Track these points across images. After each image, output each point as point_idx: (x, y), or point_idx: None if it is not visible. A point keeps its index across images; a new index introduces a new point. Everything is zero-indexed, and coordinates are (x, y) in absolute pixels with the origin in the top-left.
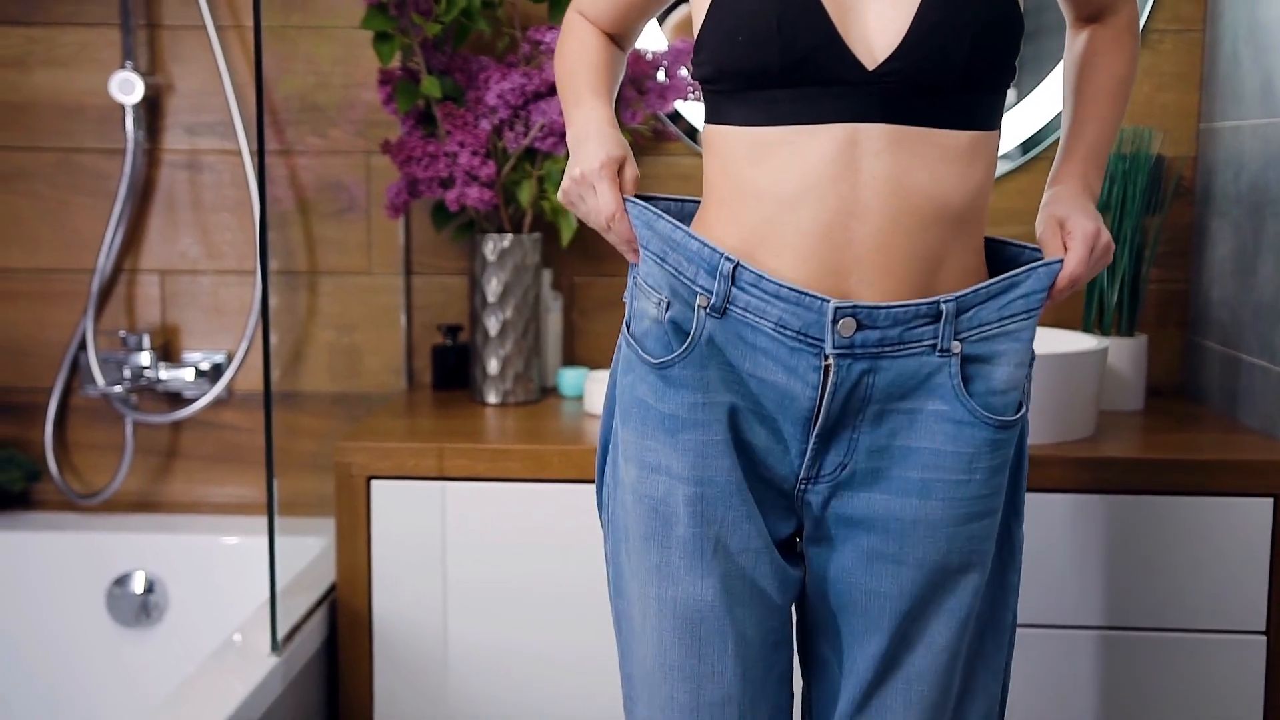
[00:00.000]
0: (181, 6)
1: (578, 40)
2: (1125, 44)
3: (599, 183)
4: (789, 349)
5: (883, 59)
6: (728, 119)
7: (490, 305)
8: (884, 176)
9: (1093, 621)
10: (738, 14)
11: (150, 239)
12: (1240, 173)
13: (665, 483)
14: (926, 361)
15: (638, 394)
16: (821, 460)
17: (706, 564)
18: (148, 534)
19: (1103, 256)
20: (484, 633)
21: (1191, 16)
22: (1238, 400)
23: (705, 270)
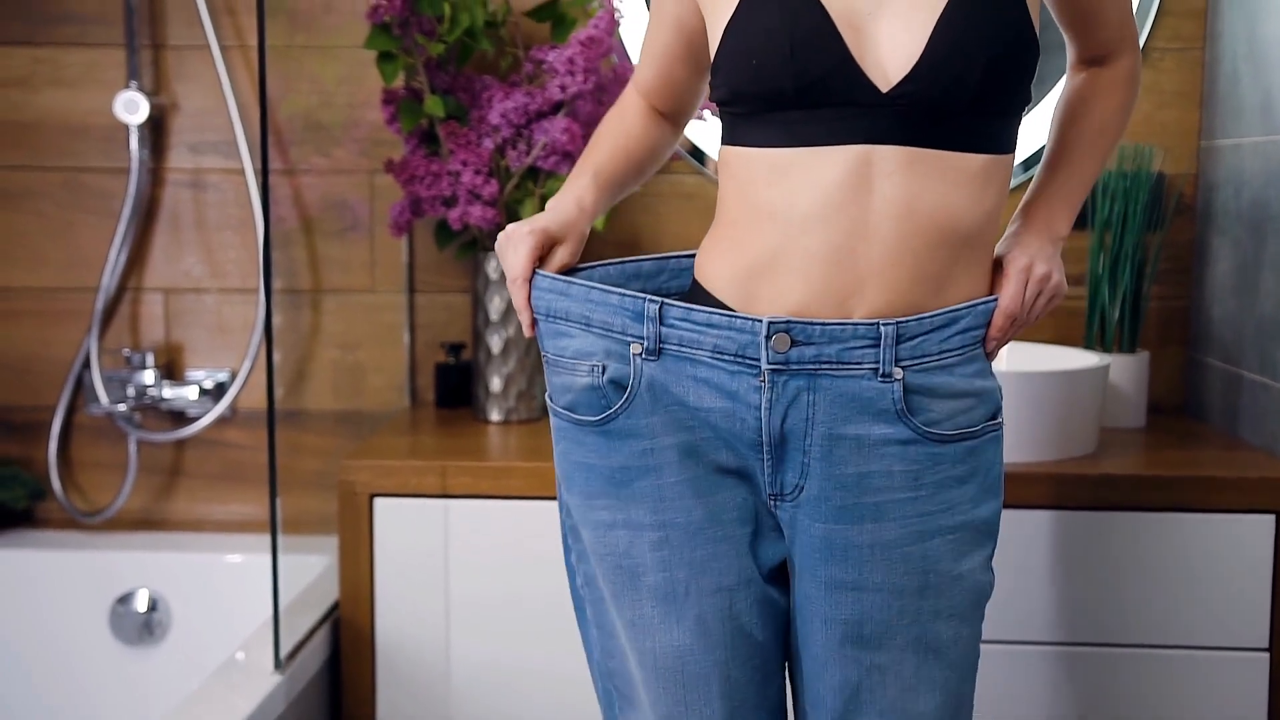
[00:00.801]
0: (186, 27)
1: (619, 116)
2: (1120, 93)
3: (518, 245)
4: (729, 373)
5: (896, 81)
6: (743, 140)
7: (493, 323)
8: (895, 198)
9: (1095, 639)
10: (751, 37)
11: (154, 258)
12: (1241, 190)
13: (626, 536)
14: (869, 385)
15: (575, 459)
16: (780, 479)
17: (679, 608)
18: (151, 552)
19: (1048, 295)
20: (487, 651)
21: (1192, 34)
22: (1239, 417)
23: (632, 318)
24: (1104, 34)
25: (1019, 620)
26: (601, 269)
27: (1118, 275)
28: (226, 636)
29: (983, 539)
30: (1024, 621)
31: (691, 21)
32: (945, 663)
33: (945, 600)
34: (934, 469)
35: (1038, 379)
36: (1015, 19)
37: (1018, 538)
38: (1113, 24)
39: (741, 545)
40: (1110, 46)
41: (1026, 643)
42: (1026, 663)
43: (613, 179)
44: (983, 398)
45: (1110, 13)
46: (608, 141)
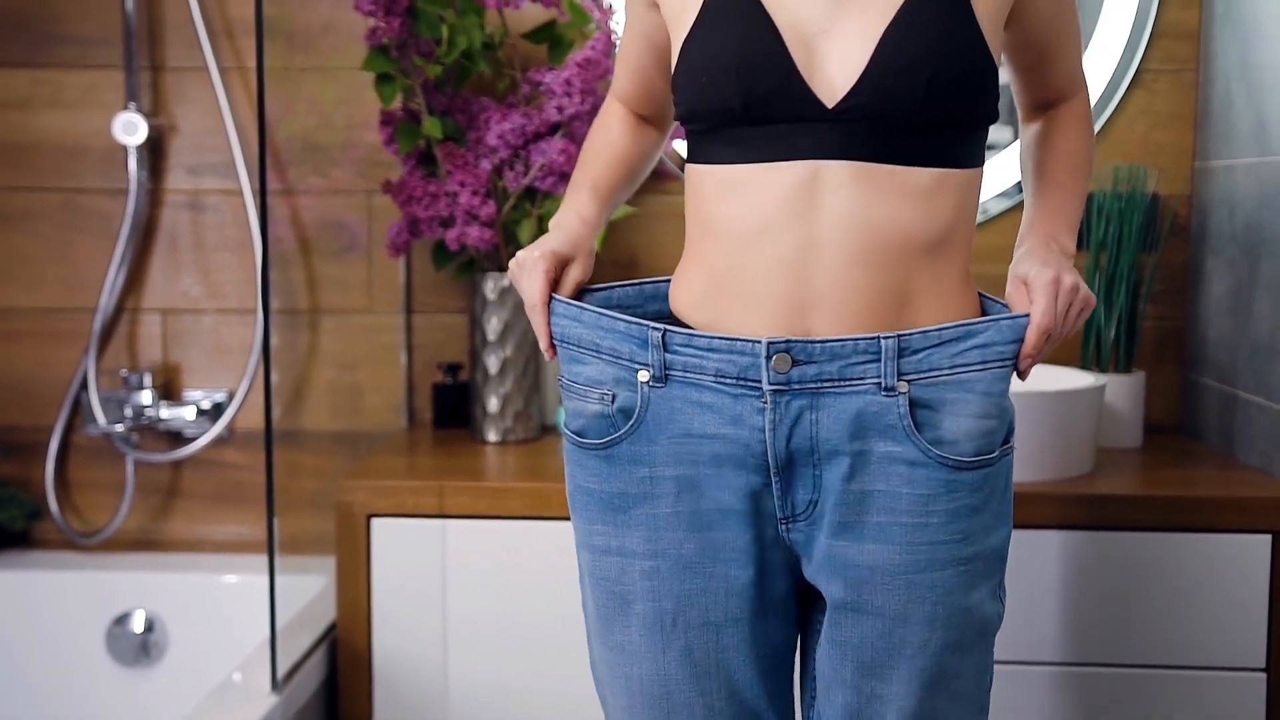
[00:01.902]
0: (185, 48)
1: (605, 126)
2: (1082, 128)
3: (533, 272)
4: (733, 397)
5: (841, 96)
6: (701, 158)
7: (490, 344)
8: (843, 213)
9: (1091, 659)
10: (703, 55)
11: (152, 278)
12: (1235, 211)
13: (618, 563)
14: (873, 400)
15: (579, 482)
16: (792, 498)
17: (666, 637)
18: (148, 573)
19: (1079, 306)
20: (485, 671)
21: (1186, 56)
22: (1235, 437)
23: (638, 345)
24: (1059, 78)
25: (1015, 640)
26: (620, 290)
27: (1113, 295)
28: (223, 657)
29: (993, 568)
30: (1020, 641)
31: (659, 36)
32: (952, 695)
33: (954, 632)
34: (948, 496)
35: (1034, 399)
36: (963, 35)
37: (1013, 558)
38: (1067, 66)
39: (734, 585)
40: (1064, 90)
41: (1022, 663)
42: (1022, 682)
43: (609, 189)
44: (1002, 419)
45: (1066, 54)
46: (598, 153)
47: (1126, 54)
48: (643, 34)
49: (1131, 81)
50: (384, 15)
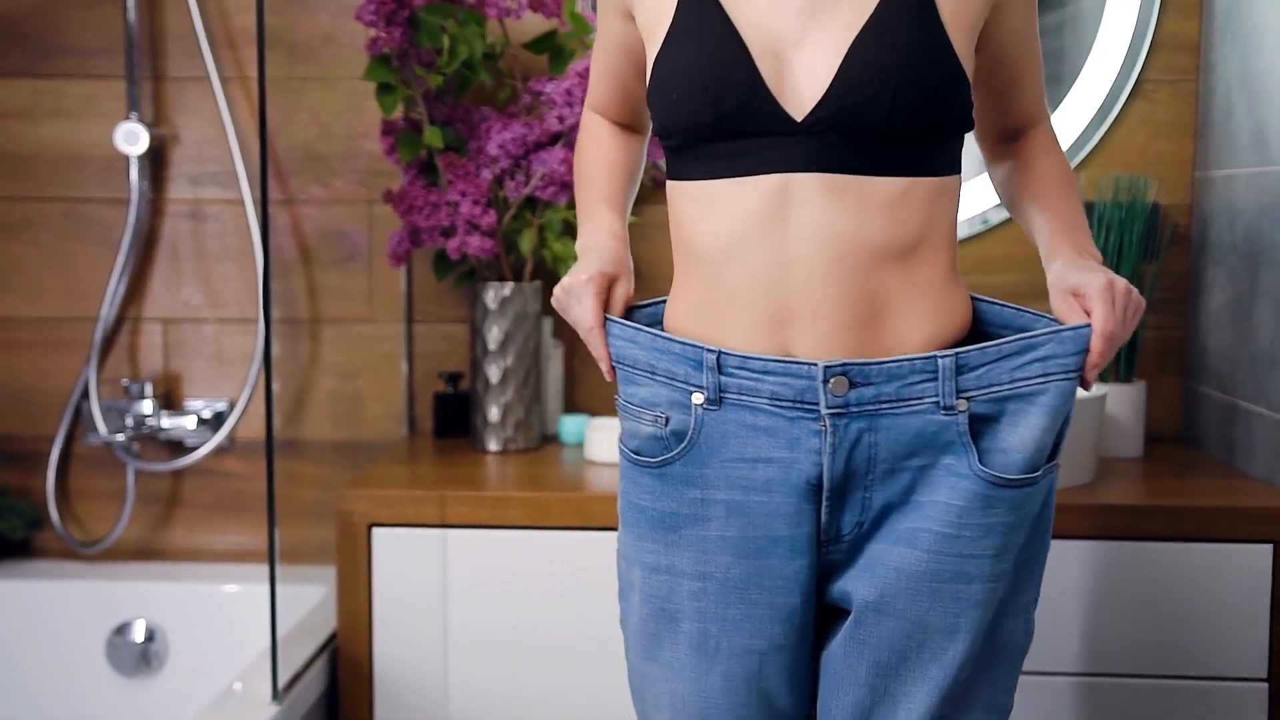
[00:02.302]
0: (186, 58)
1: (593, 141)
2: (1059, 150)
3: (584, 296)
4: (788, 420)
5: (809, 109)
6: (678, 174)
7: (491, 353)
8: (812, 225)
9: (1092, 668)
10: (672, 71)
11: (153, 288)
12: (1235, 221)
13: (667, 581)
14: (932, 419)
15: (632, 498)
16: (839, 522)
17: (710, 660)
18: (148, 582)
19: (1134, 308)
20: (485, 681)
21: (1185, 66)
22: (1235, 447)
23: (692, 367)
24: (1028, 103)
25: None
26: (652, 305)
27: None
28: (224, 667)
29: (1024, 585)
30: None
31: (636, 46)
32: (967, 707)
33: (975, 645)
34: (984, 511)
35: None
36: (931, 45)
37: None
38: (1034, 92)
39: (779, 613)
40: (1032, 117)
41: (1022, 672)
42: (1023, 692)
43: (621, 201)
44: (1056, 433)
45: (1033, 78)
46: (598, 168)
47: (1126, 64)
48: (619, 44)
49: (1131, 92)
50: (385, 25)
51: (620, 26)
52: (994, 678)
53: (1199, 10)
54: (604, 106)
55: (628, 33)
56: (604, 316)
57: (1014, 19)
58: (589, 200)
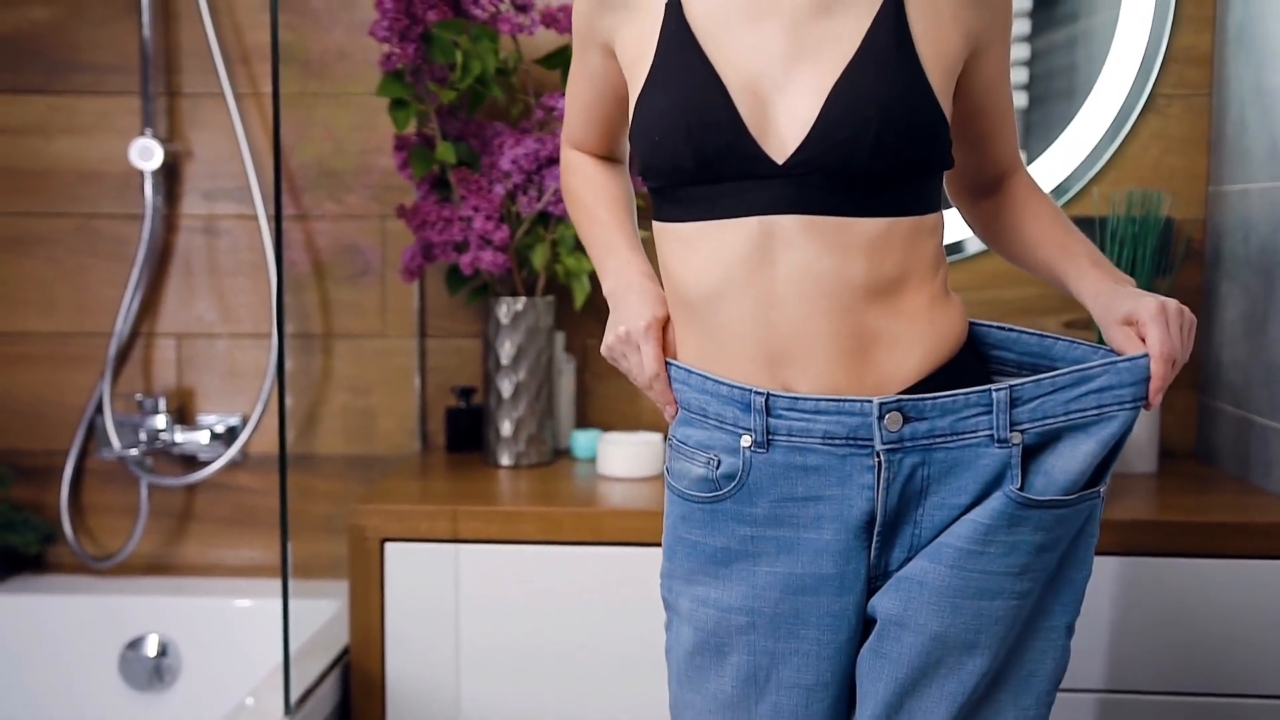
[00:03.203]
0: (200, 75)
1: (583, 178)
2: (1043, 193)
3: (644, 344)
4: (840, 458)
5: (791, 152)
6: (661, 215)
7: (504, 368)
8: (797, 267)
9: (1106, 685)
10: (653, 113)
11: (167, 303)
12: (1249, 235)
13: (715, 615)
14: (985, 452)
15: (680, 533)
16: (888, 557)
17: (760, 691)
18: (161, 597)
19: (1187, 323)
20: (497, 696)
21: (1199, 81)
22: (1251, 462)
23: (740, 409)
24: (1007, 152)
25: None
26: None
27: None
28: (237, 681)
29: (1054, 607)
30: None
31: (617, 80)
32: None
33: (996, 663)
34: (1009, 529)
35: None
36: (911, 88)
37: None
38: (1011, 139)
39: (826, 649)
40: (1010, 165)
41: None
42: None
43: (635, 236)
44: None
45: (1010, 126)
46: (601, 204)
47: (1140, 79)
48: (601, 78)
49: (1145, 106)
50: (399, 41)
51: (601, 62)
52: (1022, 704)
53: (1212, 24)
54: (583, 140)
55: (609, 68)
56: (665, 360)
57: (990, 69)
58: (604, 238)
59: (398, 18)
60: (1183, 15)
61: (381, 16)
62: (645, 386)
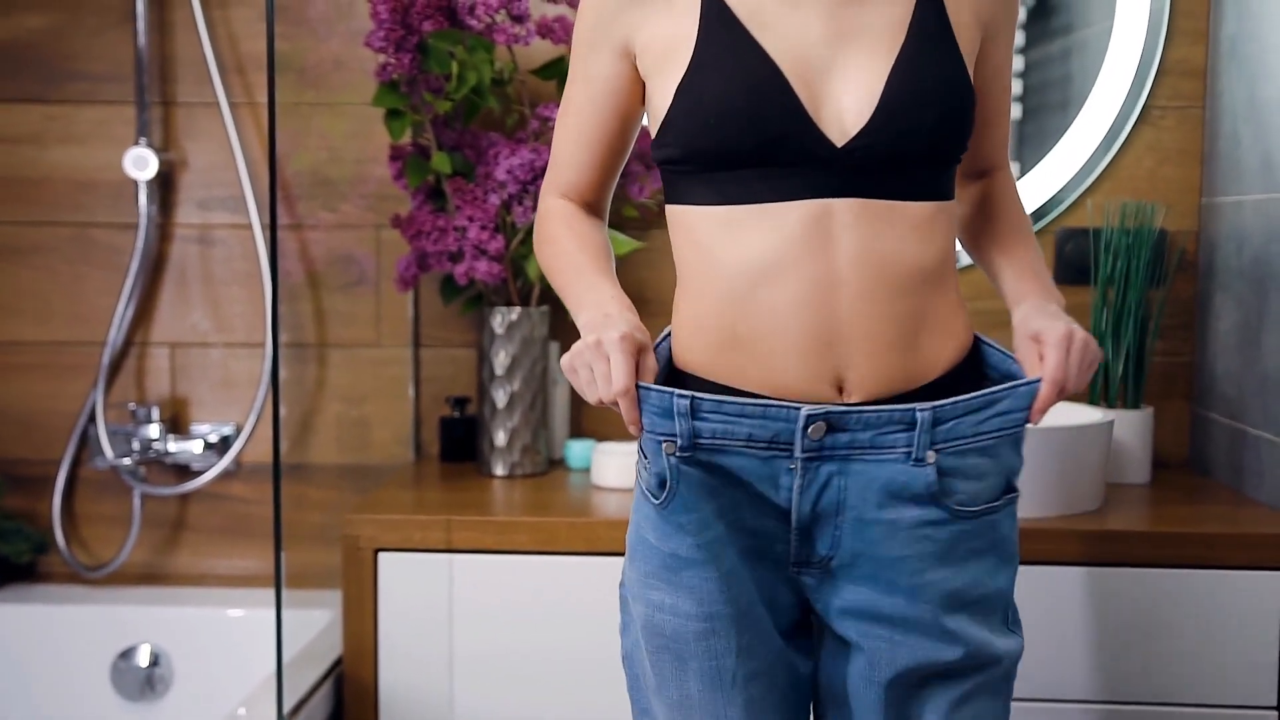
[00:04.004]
0: (196, 84)
1: (567, 226)
2: (1018, 199)
3: (615, 353)
4: (761, 460)
5: (852, 135)
6: (695, 199)
7: (498, 377)
8: (857, 247)
9: (1100, 696)
10: (707, 95)
11: (161, 312)
12: (1243, 247)
13: (672, 621)
14: (901, 469)
15: (642, 532)
16: (809, 550)
17: (727, 693)
18: (154, 606)
19: (1090, 359)
20: (491, 706)
21: (1193, 93)
22: (1244, 473)
23: (660, 415)
24: (998, 144)
25: (1023, 676)
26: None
27: (1121, 331)
28: (229, 692)
29: (996, 606)
30: (1027, 678)
31: (628, 97)
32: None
33: (963, 672)
34: (961, 544)
35: (1042, 435)
36: (957, 73)
37: (1022, 594)
38: (1003, 133)
39: (768, 624)
40: (997, 159)
41: (1029, 699)
42: (1030, 719)
43: (616, 282)
44: (1006, 473)
45: (1004, 118)
46: (584, 250)
47: (1133, 90)
48: (608, 90)
49: (1139, 118)
50: (394, 51)
51: (610, 67)
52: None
53: (1205, 37)
54: (574, 182)
55: (620, 74)
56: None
57: (998, 54)
58: (583, 279)
59: (393, 28)
60: (1176, 28)
61: (377, 26)
62: (606, 400)
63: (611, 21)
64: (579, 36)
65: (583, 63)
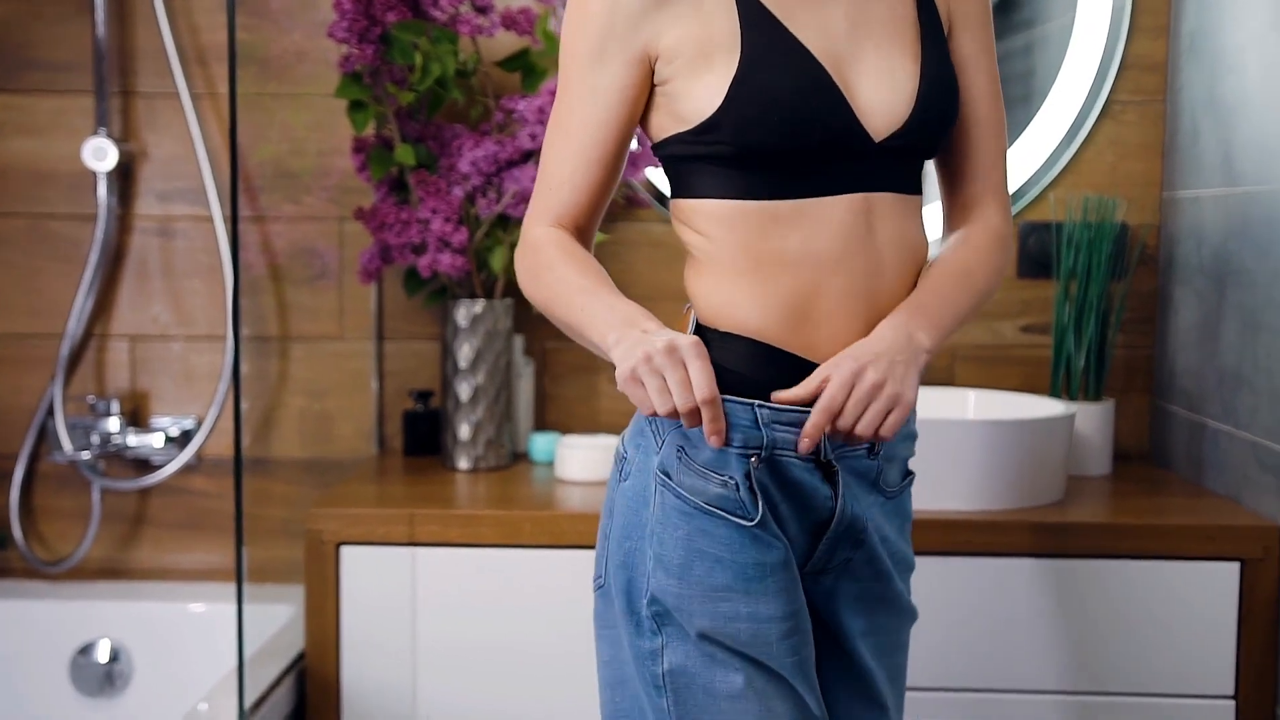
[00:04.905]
0: (156, 75)
1: (561, 250)
2: (982, 246)
3: (693, 359)
4: (807, 470)
5: (889, 133)
6: (741, 193)
7: (462, 371)
8: (894, 238)
9: (1061, 686)
10: (765, 94)
11: (121, 304)
12: (1202, 242)
13: (750, 627)
14: (869, 465)
15: (699, 546)
16: (831, 555)
17: (809, 680)
18: (113, 602)
19: (882, 404)
20: (455, 700)
21: (1154, 87)
22: (1203, 465)
23: (751, 426)
24: (977, 162)
25: (983, 668)
26: None
27: (1083, 324)
28: (190, 687)
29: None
30: (990, 669)
31: (637, 101)
32: (899, 689)
33: (904, 633)
34: (903, 521)
35: (1004, 427)
36: (953, 71)
37: (984, 585)
38: (988, 151)
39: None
40: (982, 181)
41: (992, 690)
42: (992, 710)
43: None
44: (904, 458)
45: (985, 135)
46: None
47: (1095, 85)
48: (618, 100)
49: (1101, 112)
50: (357, 42)
51: (625, 79)
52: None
53: (1166, 32)
54: (569, 207)
55: (632, 84)
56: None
57: (965, 48)
58: (599, 299)
59: (356, 19)
60: (1137, 24)
61: (340, 17)
62: (685, 407)
63: (629, 29)
64: (579, 48)
65: (586, 75)
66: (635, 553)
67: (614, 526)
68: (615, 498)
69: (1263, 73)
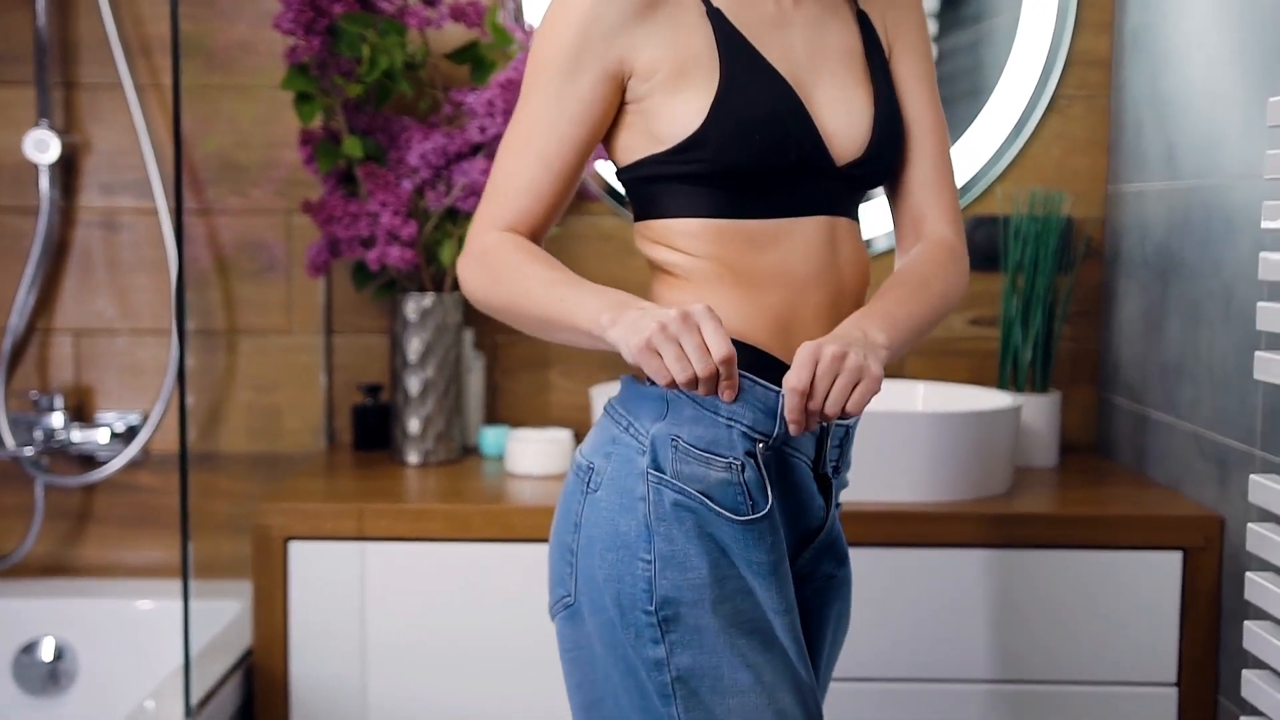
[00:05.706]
0: (99, 65)
1: (519, 250)
2: (942, 263)
3: (707, 321)
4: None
5: (849, 160)
6: (718, 212)
7: (411, 365)
8: (852, 259)
9: (1007, 675)
10: (745, 115)
11: (64, 298)
12: (1146, 236)
13: (759, 620)
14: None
15: (708, 532)
16: (816, 565)
17: (805, 659)
18: (58, 599)
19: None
20: (405, 695)
21: (1098, 82)
22: (1147, 456)
23: (763, 412)
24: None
25: (931, 658)
26: None
27: (1029, 317)
28: (136, 685)
29: None
30: (936, 659)
31: (604, 114)
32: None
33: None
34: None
35: (952, 419)
36: (900, 109)
37: (932, 576)
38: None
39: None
40: (929, 212)
41: (939, 680)
42: (937, 699)
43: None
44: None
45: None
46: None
47: (1042, 80)
48: (586, 125)
49: (1047, 107)
50: (304, 34)
51: (595, 92)
52: None
53: (1110, 28)
54: (525, 213)
55: (603, 98)
56: None
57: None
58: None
59: (303, 10)
60: (1083, 19)
61: (286, 8)
62: (704, 371)
63: (606, 43)
64: (550, 56)
65: (553, 84)
66: (625, 561)
67: (584, 541)
68: (583, 511)
69: (1204, 69)
